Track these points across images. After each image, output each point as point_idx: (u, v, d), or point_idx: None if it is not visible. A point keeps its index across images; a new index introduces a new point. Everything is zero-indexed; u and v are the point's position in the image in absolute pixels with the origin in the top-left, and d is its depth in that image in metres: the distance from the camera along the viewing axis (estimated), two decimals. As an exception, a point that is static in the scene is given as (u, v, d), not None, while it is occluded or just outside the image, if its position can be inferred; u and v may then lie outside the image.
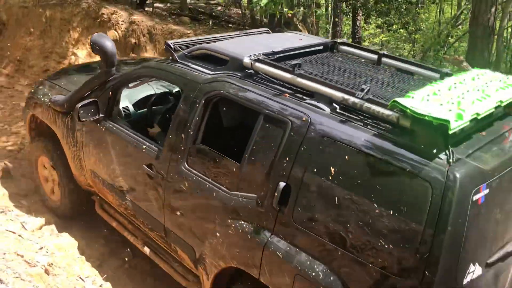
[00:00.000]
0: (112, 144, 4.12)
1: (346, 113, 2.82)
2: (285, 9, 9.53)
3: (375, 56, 3.77)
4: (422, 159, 2.43)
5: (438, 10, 15.48)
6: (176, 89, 4.81)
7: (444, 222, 2.31)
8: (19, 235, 3.90)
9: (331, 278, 2.66)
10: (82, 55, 8.75)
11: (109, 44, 4.07)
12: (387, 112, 2.60)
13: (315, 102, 2.94)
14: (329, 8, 16.48)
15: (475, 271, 2.48)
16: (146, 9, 9.92)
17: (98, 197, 4.67)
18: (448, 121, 2.29)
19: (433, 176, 2.35)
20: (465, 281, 2.41)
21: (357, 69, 3.49)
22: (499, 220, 2.62)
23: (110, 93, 4.17)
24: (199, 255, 3.48)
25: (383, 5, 10.60)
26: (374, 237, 2.50)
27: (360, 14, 11.66)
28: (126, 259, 4.69)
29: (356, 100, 2.75)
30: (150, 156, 3.74)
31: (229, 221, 3.16)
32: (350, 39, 12.84)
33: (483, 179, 2.41)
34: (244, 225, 3.07)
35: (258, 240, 2.98)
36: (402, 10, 11.06)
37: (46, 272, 3.34)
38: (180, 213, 3.57)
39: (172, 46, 3.83)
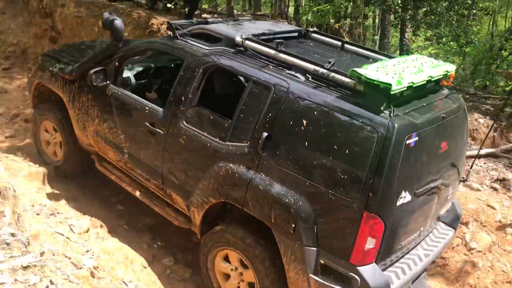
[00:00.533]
0: (117, 106, 4.79)
1: (316, 81, 3.64)
2: (332, 21, 9.50)
3: (339, 43, 4.64)
4: (371, 114, 3.29)
5: (491, 23, 15.02)
6: (171, 64, 5.55)
7: (384, 158, 3.19)
8: (67, 238, 4.01)
9: (300, 202, 3.49)
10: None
11: (118, 22, 4.72)
12: (347, 79, 3.46)
13: (293, 72, 3.77)
14: (377, 20, 16.29)
15: (405, 197, 3.39)
16: (195, 19, 10.11)
17: (97, 156, 5.31)
18: (390, 84, 3.18)
19: (378, 126, 3.23)
20: (398, 203, 3.35)
21: (324, 52, 4.36)
22: (425, 161, 3.57)
23: (117, 63, 4.85)
24: (192, 196, 4.19)
25: (433, 17, 10.37)
26: (334, 170, 3.36)
27: (409, 26, 11.44)
28: (168, 265, 4.75)
29: (324, 71, 3.60)
30: (153, 116, 4.44)
31: (220, 164, 3.91)
32: (398, 51, 12.63)
33: (414, 129, 3.33)
34: (233, 167, 3.84)
35: (244, 177, 3.76)
36: (453, 22, 10.78)
37: (92, 274, 3.41)
38: (177, 162, 4.28)
39: (174, 26, 4.58)
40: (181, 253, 4.98)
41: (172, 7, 9.18)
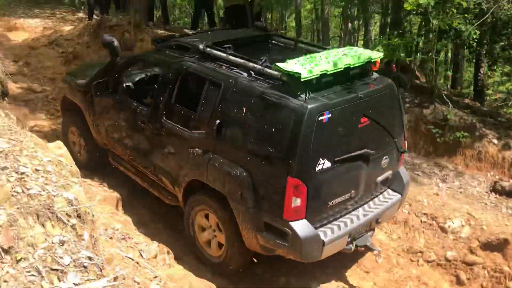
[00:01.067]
0: (118, 110, 5.86)
1: (256, 76, 4.54)
2: (402, 54, 9.35)
3: (293, 42, 5.66)
4: (291, 98, 4.17)
5: None
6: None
7: (299, 132, 4.06)
8: (137, 263, 4.14)
9: (244, 174, 4.41)
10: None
11: (115, 41, 5.72)
12: (275, 72, 4.32)
13: (238, 70, 4.67)
14: (449, 54, 15.84)
15: (324, 163, 4.21)
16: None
17: (110, 152, 6.28)
18: (299, 73, 4.04)
19: (295, 107, 4.12)
20: (317, 169, 4.19)
21: (278, 50, 5.43)
22: (342, 134, 4.39)
23: (116, 75, 5.82)
24: (175, 177, 5.17)
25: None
26: (266, 146, 4.28)
27: (485, 61, 11.01)
28: (231, 296, 4.78)
29: (259, 67, 4.49)
30: (143, 115, 5.46)
31: (189, 150, 4.89)
32: (472, 87, 12.17)
33: (326, 108, 4.15)
34: (198, 151, 4.81)
35: (205, 158, 4.74)
36: (534, 57, 10.25)
37: (159, 301, 3.49)
38: (162, 151, 5.29)
39: (155, 41, 5.87)
40: (242, 283, 5.00)
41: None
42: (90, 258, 2.67)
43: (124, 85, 5.85)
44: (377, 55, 4.84)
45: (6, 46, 11.10)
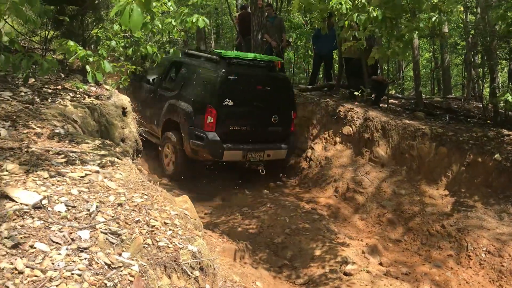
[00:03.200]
0: (142, 90, 9.57)
1: (208, 60, 8.40)
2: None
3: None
4: (219, 67, 8.02)
5: None
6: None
7: (217, 83, 7.89)
8: (253, 317, 4.16)
9: (189, 108, 8.13)
10: (318, 149, 9.38)
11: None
12: (214, 56, 8.27)
13: (199, 59, 8.72)
14: None
15: (229, 102, 7.89)
16: (381, 105, 10.18)
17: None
18: (221, 52, 8.26)
19: (218, 71, 7.97)
20: (224, 103, 7.88)
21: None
22: (242, 88, 8.03)
23: (145, 72, 9.37)
24: (158, 121, 8.79)
25: None
26: (203, 91, 8.11)
27: None
28: None
29: (209, 55, 8.53)
30: (150, 90, 9.32)
31: (168, 102, 8.60)
32: None
33: (234, 73, 7.95)
34: (172, 101, 8.55)
35: (175, 104, 8.46)
36: None
37: None
38: (157, 109, 8.88)
39: (166, 50, 9.99)
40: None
41: (359, 94, 9.45)
42: (211, 312, 2.75)
43: (148, 77, 9.63)
44: (276, 59, 8.84)
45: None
